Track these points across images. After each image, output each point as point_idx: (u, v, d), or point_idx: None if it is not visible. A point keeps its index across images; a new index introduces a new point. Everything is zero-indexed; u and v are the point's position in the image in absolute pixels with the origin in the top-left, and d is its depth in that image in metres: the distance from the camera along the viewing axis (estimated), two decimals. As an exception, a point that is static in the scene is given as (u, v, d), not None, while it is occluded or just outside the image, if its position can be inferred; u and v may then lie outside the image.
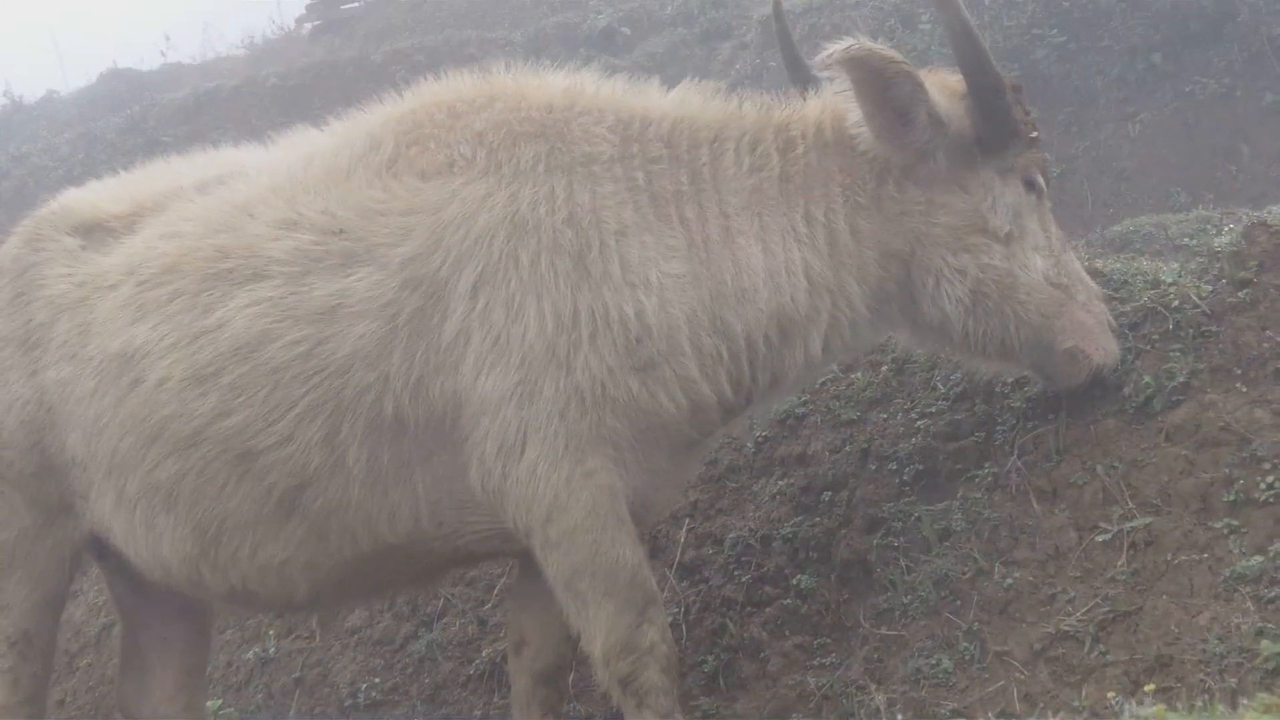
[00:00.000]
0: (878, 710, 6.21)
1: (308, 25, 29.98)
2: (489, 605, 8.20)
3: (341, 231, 5.90)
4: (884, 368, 7.55)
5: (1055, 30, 13.37)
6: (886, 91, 5.79)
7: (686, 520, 7.70)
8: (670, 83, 6.35)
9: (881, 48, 5.79)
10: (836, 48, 5.75)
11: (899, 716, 6.06)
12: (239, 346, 5.93)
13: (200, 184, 6.49)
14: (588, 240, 5.70)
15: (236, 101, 23.21)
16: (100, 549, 6.87)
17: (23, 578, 6.82)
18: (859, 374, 7.58)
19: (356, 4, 29.07)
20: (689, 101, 6.14)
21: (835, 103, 6.08)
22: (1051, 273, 6.06)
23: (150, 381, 6.11)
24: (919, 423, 7.14)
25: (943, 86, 6.02)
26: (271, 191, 6.18)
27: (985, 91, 5.92)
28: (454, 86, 6.26)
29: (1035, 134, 6.18)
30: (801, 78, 6.56)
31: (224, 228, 6.15)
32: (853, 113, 5.92)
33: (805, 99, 6.26)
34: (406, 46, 22.49)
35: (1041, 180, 6.16)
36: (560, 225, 5.71)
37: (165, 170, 6.89)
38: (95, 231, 6.64)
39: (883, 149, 5.90)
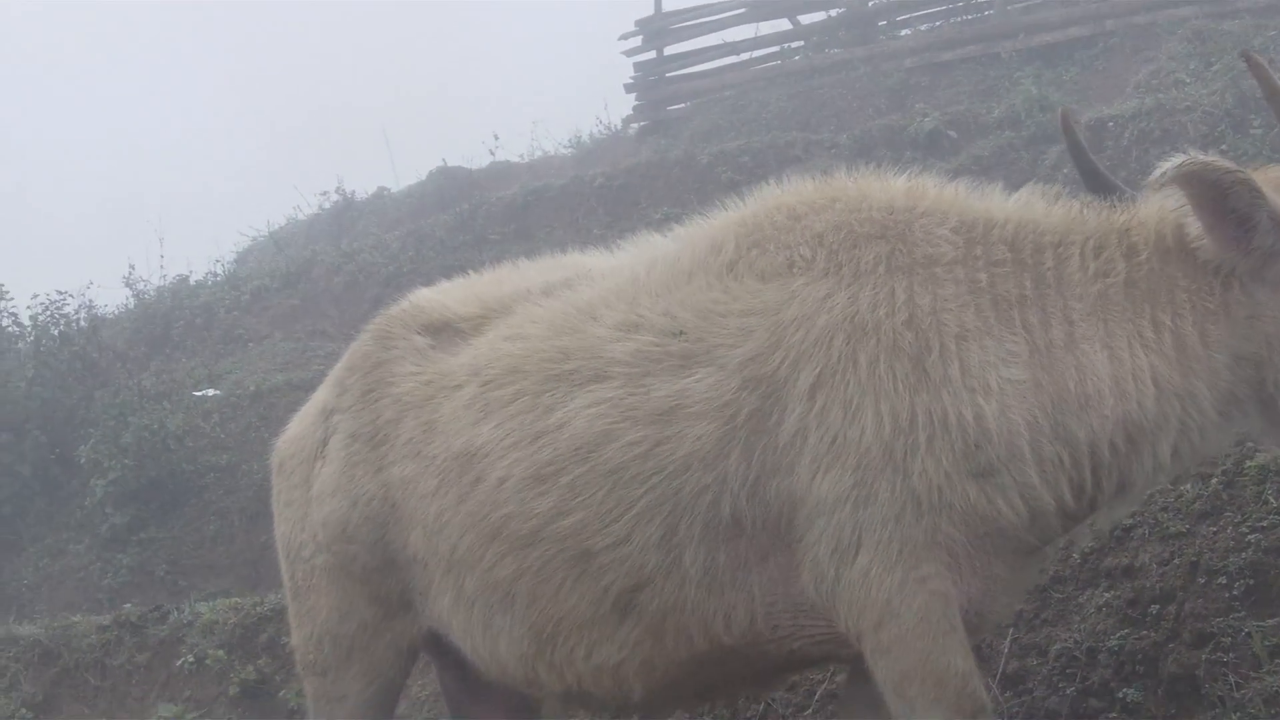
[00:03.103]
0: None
1: (634, 126, 30.47)
2: (810, 711, 8.11)
3: (681, 333, 5.91)
4: (1213, 480, 7.40)
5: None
6: (1224, 202, 5.61)
7: (1010, 630, 7.58)
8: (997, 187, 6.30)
9: (1214, 160, 5.62)
10: (1169, 166, 5.59)
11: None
12: (578, 447, 5.97)
13: (546, 287, 6.57)
14: (927, 343, 5.62)
15: (563, 200, 23.63)
16: (437, 645, 6.96)
17: (360, 670, 6.95)
18: (1188, 486, 7.45)
19: (682, 105, 29.50)
20: (1032, 205, 6.04)
21: (1170, 209, 5.91)
22: None
23: (491, 480, 6.19)
24: (1250, 536, 6.99)
25: (1277, 185, 5.80)
26: (614, 294, 6.23)
27: None
28: (795, 189, 6.25)
29: None
30: (1099, 187, 6.39)
31: (567, 329, 6.22)
32: (1192, 226, 5.75)
33: (1128, 206, 6.08)
34: (732, 148, 22.69)
35: None
36: (900, 327, 5.64)
37: (513, 273, 6.99)
38: (444, 332, 6.76)
39: (1228, 258, 5.70)
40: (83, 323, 20.76)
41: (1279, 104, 5.85)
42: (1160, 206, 5.96)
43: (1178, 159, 5.60)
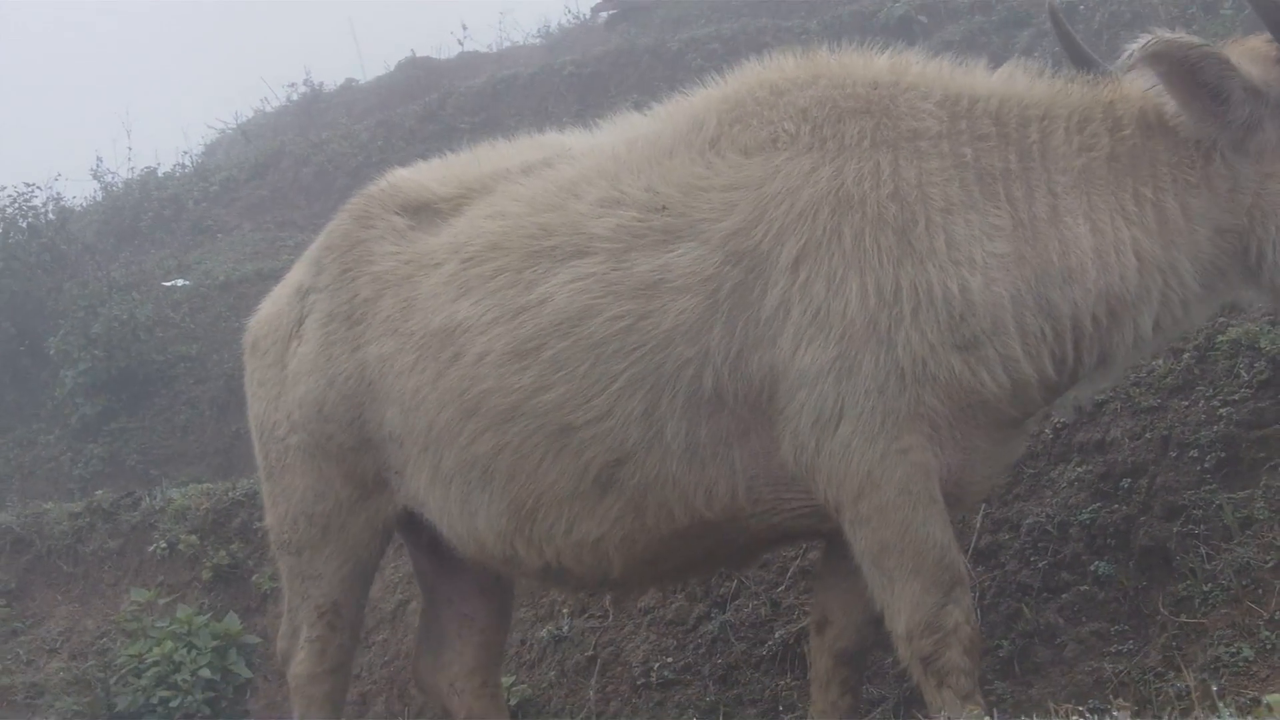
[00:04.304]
0: (1185, 691, 6.07)
1: (603, 14, 30.13)
2: (782, 587, 8.24)
3: (664, 208, 5.93)
4: (1186, 355, 7.49)
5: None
6: (1195, 77, 5.67)
7: (983, 506, 7.64)
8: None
9: (1179, 36, 5.69)
10: (1134, 47, 5.68)
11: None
12: (560, 322, 5.99)
13: (526, 166, 6.58)
14: (913, 216, 5.66)
15: (532, 89, 23.47)
16: (411, 524, 7.01)
17: (335, 550, 7.00)
18: (1160, 361, 7.54)
19: (652, -8, 29.19)
20: (1016, 79, 6.07)
21: (1146, 89, 5.95)
22: None
23: (470, 356, 6.20)
24: (1221, 410, 7.09)
25: (1253, 55, 5.87)
26: (595, 172, 6.24)
27: None
28: (777, 65, 6.26)
29: None
30: (1088, 68, 6.38)
31: (548, 206, 6.23)
32: (1168, 104, 5.80)
33: (1113, 80, 6.11)
34: (702, 35, 22.57)
35: None
36: (885, 200, 5.68)
37: (492, 153, 6.98)
38: (423, 212, 6.77)
39: (1206, 131, 5.75)
40: (51, 215, 20.50)
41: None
42: (1141, 84, 5.97)
43: (1143, 39, 5.66)
